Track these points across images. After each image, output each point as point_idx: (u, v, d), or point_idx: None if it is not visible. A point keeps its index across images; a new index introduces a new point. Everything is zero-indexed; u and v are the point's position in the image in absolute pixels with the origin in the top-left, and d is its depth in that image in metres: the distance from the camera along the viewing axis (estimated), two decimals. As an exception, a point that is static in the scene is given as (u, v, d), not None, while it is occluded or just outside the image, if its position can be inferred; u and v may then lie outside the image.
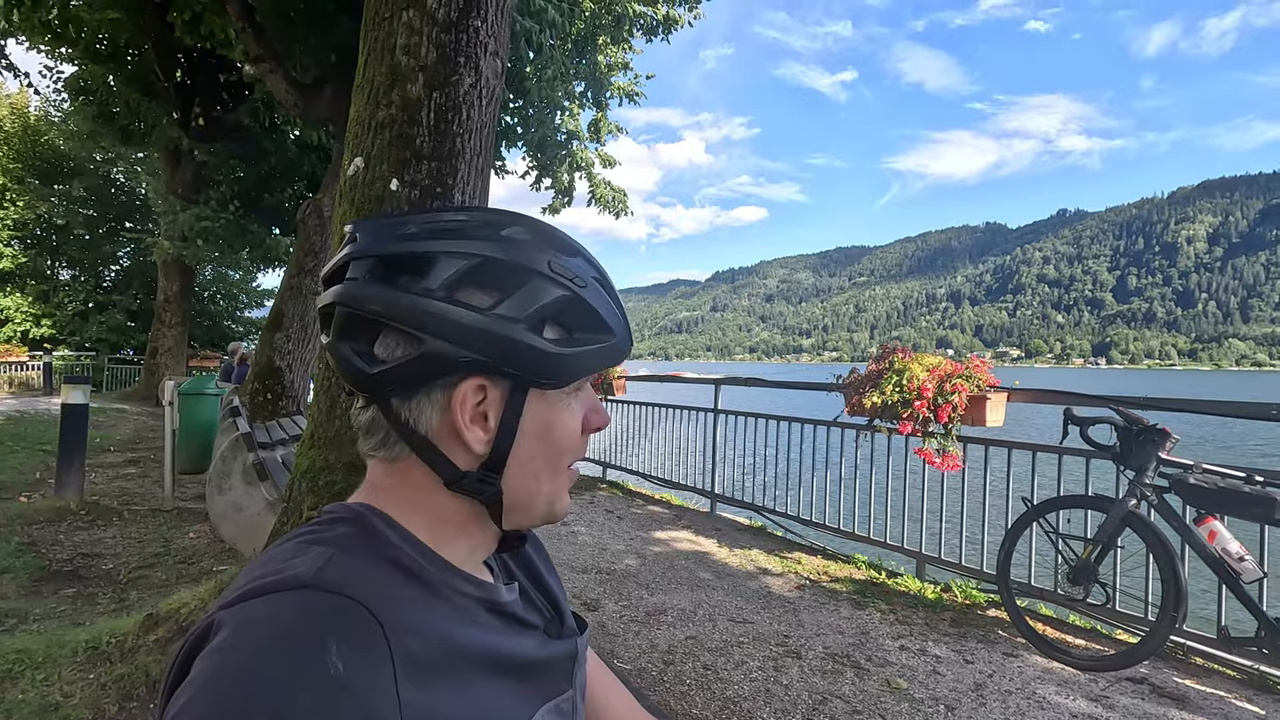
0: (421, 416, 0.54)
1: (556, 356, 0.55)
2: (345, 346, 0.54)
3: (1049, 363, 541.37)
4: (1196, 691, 2.78)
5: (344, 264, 0.55)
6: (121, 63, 11.65)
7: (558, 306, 0.55)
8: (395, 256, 0.54)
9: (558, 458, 0.59)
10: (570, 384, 0.58)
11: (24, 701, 2.34)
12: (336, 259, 0.56)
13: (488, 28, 2.86)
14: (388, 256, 0.54)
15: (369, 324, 0.54)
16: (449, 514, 0.56)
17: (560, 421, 0.58)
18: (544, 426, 0.57)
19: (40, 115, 21.33)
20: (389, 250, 0.54)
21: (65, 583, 3.91)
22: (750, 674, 2.89)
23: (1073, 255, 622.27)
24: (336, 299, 0.54)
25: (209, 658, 0.43)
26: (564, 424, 0.58)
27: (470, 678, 0.51)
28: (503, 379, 0.54)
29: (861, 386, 4.26)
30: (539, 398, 0.56)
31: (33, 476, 6.70)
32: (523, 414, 0.55)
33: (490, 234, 0.55)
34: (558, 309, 0.55)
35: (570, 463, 0.60)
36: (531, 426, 0.56)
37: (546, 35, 8.41)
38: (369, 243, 0.55)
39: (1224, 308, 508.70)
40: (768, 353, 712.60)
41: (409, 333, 0.52)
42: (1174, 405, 3.35)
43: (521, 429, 0.56)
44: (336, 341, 0.55)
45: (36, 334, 20.92)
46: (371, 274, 0.54)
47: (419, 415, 0.54)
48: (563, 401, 0.58)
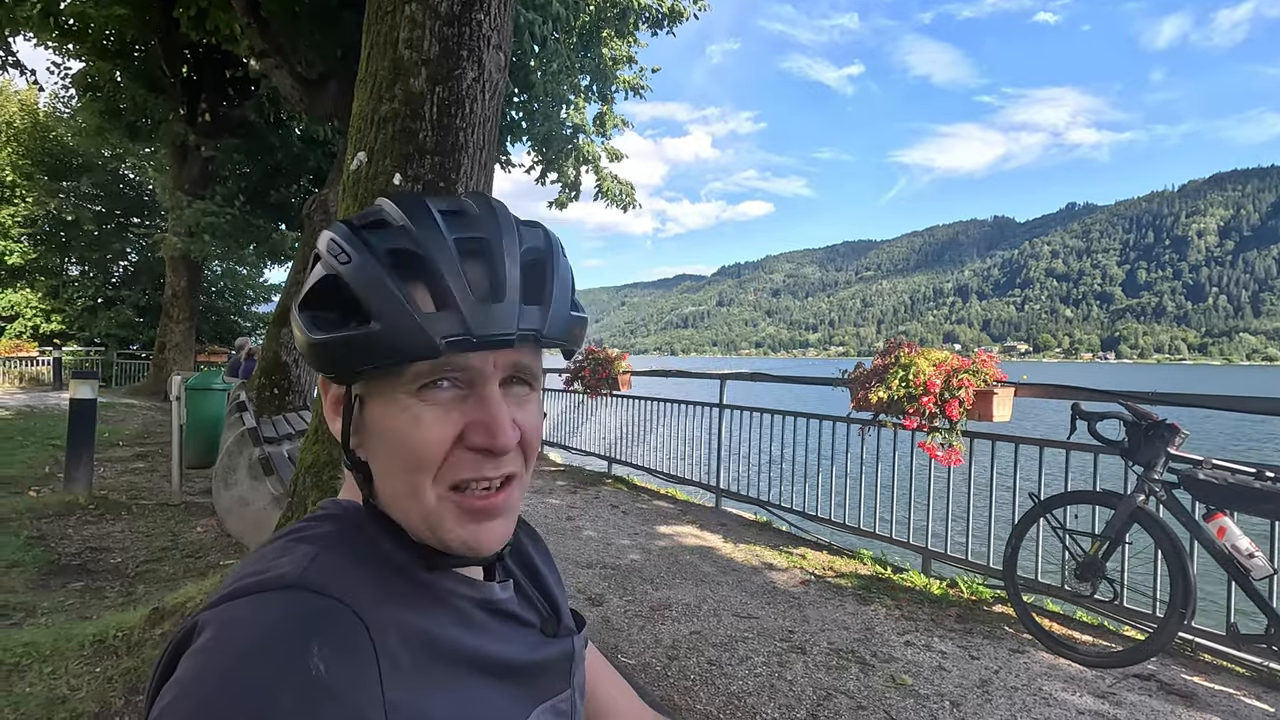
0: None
1: (313, 345, 0.50)
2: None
3: (1057, 357, 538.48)
4: (1205, 689, 2.76)
5: None
6: (128, 59, 11.71)
7: (319, 288, 0.51)
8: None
9: (408, 473, 0.51)
10: (357, 377, 0.52)
11: (31, 694, 2.36)
12: None
13: (490, 21, 2.84)
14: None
15: None
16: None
17: (396, 428, 0.51)
18: (383, 432, 0.52)
19: (49, 111, 21.46)
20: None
21: (73, 576, 3.94)
22: (755, 669, 2.88)
23: (1081, 249, 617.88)
24: None
25: (192, 658, 0.42)
26: (400, 432, 0.50)
27: (460, 678, 0.50)
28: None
29: (867, 382, 4.23)
30: (379, 397, 0.51)
31: (42, 471, 6.75)
32: (364, 413, 0.53)
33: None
34: (319, 291, 0.51)
35: (451, 483, 0.51)
36: (373, 430, 0.52)
37: (551, 28, 8.38)
38: None
39: (1235, 302, 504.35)
40: (774, 348, 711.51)
41: None
42: (1183, 400, 3.32)
43: (367, 430, 0.53)
44: None
45: (46, 329, 21.08)
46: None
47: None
48: (395, 404, 0.51)
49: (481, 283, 0.50)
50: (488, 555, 0.54)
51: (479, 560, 0.55)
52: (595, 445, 7.84)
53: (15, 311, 21.01)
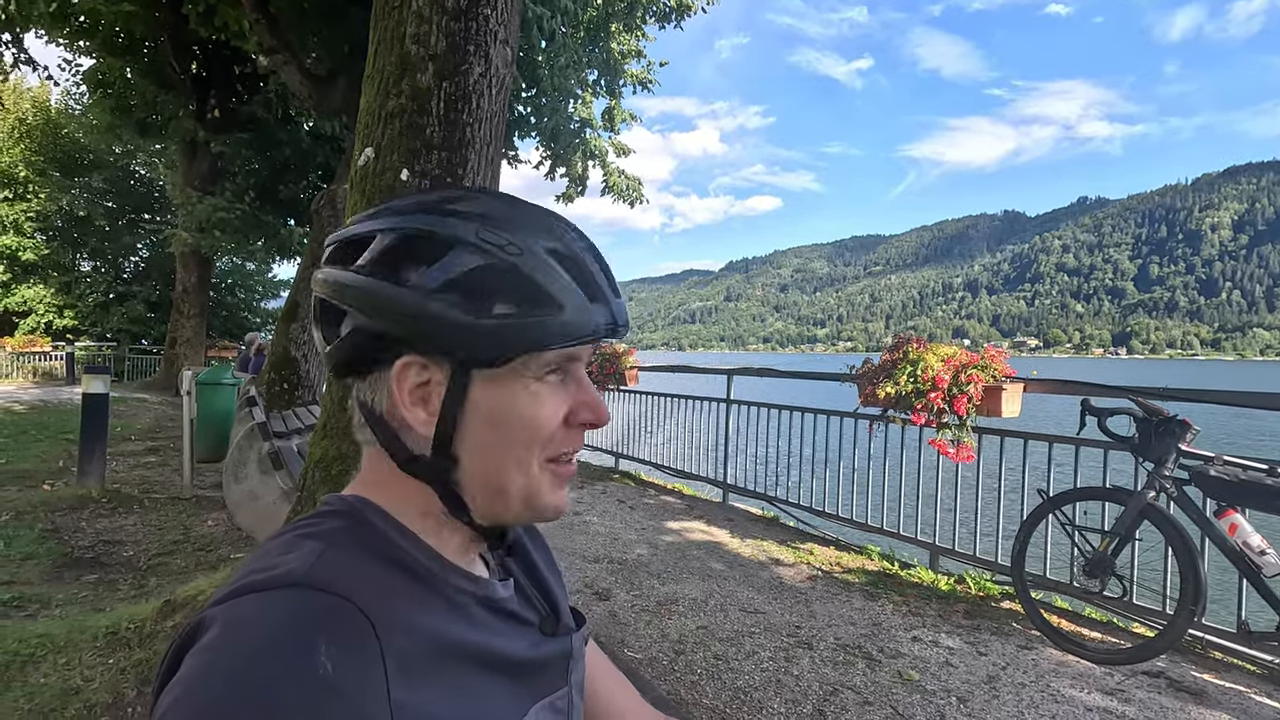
0: (376, 397, 0.55)
1: (475, 328, 0.51)
2: (318, 330, 0.57)
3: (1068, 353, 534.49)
4: (1215, 686, 2.74)
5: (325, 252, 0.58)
6: (138, 55, 11.76)
7: (477, 276, 0.51)
8: (349, 239, 0.55)
9: (522, 448, 0.54)
10: (507, 361, 0.53)
11: (46, 685, 2.39)
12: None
13: (498, 15, 2.83)
14: (346, 239, 0.55)
15: (328, 307, 0.55)
16: (429, 506, 0.55)
17: (517, 408, 0.53)
18: (497, 412, 0.53)
19: (61, 108, 21.60)
20: (348, 234, 0.56)
21: (87, 569, 3.98)
22: (761, 664, 2.88)
23: (1093, 243, 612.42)
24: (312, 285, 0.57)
25: (198, 656, 0.42)
26: (523, 411, 0.53)
27: (463, 676, 0.51)
28: (439, 358, 0.52)
29: (875, 377, 4.22)
30: (490, 381, 0.53)
31: (56, 465, 6.82)
32: (467, 397, 0.53)
33: (427, 208, 0.53)
34: (477, 279, 0.51)
35: (550, 455, 0.55)
36: (482, 412, 0.53)
37: (559, 22, 8.36)
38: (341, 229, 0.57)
39: (1249, 296, 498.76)
40: (782, 343, 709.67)
41: (346, 309, 0.54)
42: (1195, 396, 3.29)
43: (469, 413, 0.53)
44: (314, 326, 0.58)
45: (59, 325, 21.27)
46: (329, 258, 0.56)
47: (374, 396, 0.55)
48: (519, 385, 0.53)
49: (608, 280, 0.57)
50: (557, 518, 0.58)
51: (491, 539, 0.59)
52: (602, 440, 7.84)
53: (28, 307, 21.21)
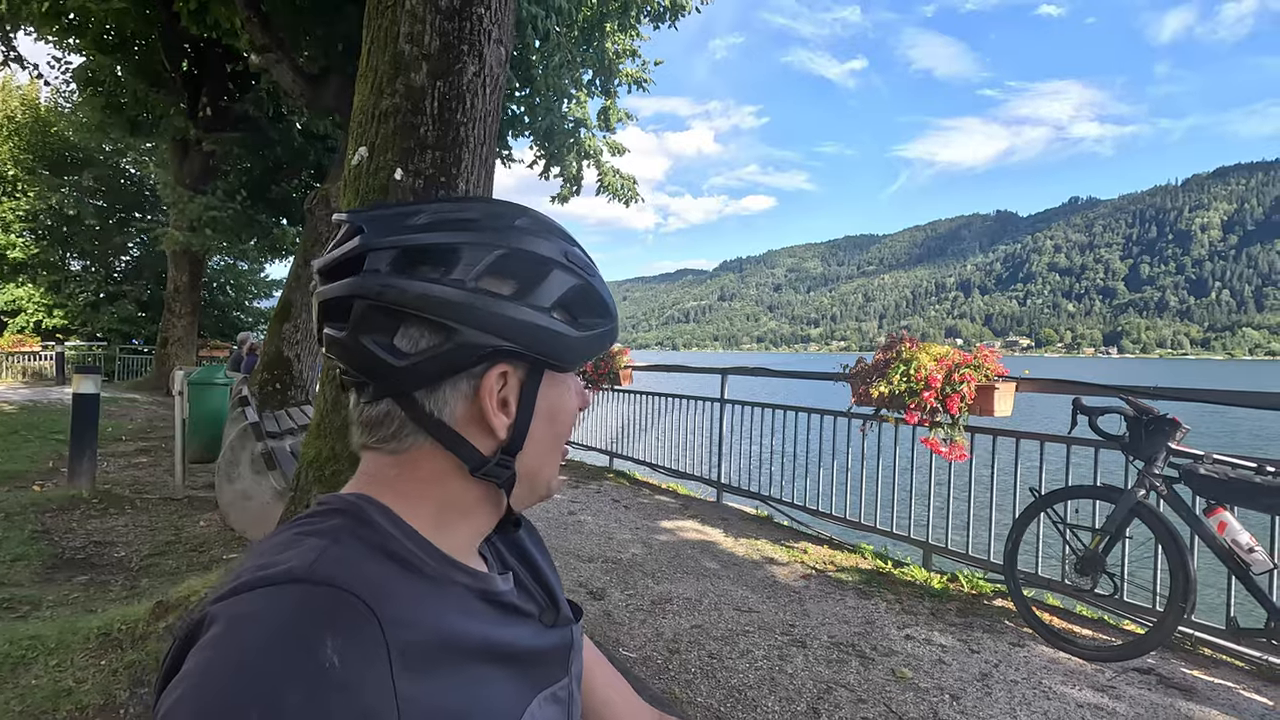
0: (446, 406, 0.55)
1: (573, 340, 0.58)
2: (367, 340, 0.53)
3: (1059, 352, 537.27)
4: (1204, 682, 2.77)
5: (358, 255, 0.54)
6: (129, 53, 11.67)
7: (574, 294, 0.59)
8: (418, 248, 0.53)
9: (560, 437, 0.62)
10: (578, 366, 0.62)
11: (37, 686, 2.37)
12: (344, 250, 0.55)
13: (491, 15, 2.83)
14: (411, 248, 0.53)
15: (391, 316, 0.53)
16: (456, 500, 0.57)
17: (565, 403, 0.61)
18: (553, 408, 0.60)
19: (50, 106, 21.41)
20: (411, 242, 0.53)
21: (78, 570, 3.96)
22: (755, 663, 2.89)
23: (1085, 243, 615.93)
24: (355, 291, 0.53)
25: (201, 653, 0.42)
26: (567, 405, 0.62)
27: (467, 668, 0.51)
28: (522, 364, 0.57)
29: (868, 376, 4.24)
30: (550, 381, 0.59)
31: (46, 465, 6.77)
32: (537, 397, 0.58)
33: (504, 225, 0.56)
34: (573, 296, 0.59)
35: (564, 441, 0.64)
36: (543, 409, 0.59)
37: (553, 21, 8.35)
38: (383, 233, 0.54)
39: (1238, 296, 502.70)
40: (775, 342, 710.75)
41: (439, 323, 0.52)
42: (1184, 395, 3.32)
43: (536, 412, 0.58)
44: (355, 334, 0.54)
45: (49, 324, 21.09)
46: (394, 266, 0.53)
47: (444, 405, 0.55)
48: (565, 383, 0.61)
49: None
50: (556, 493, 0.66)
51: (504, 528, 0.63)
52: (597, 440, 7.85)
53: (18, 306, 21.02)
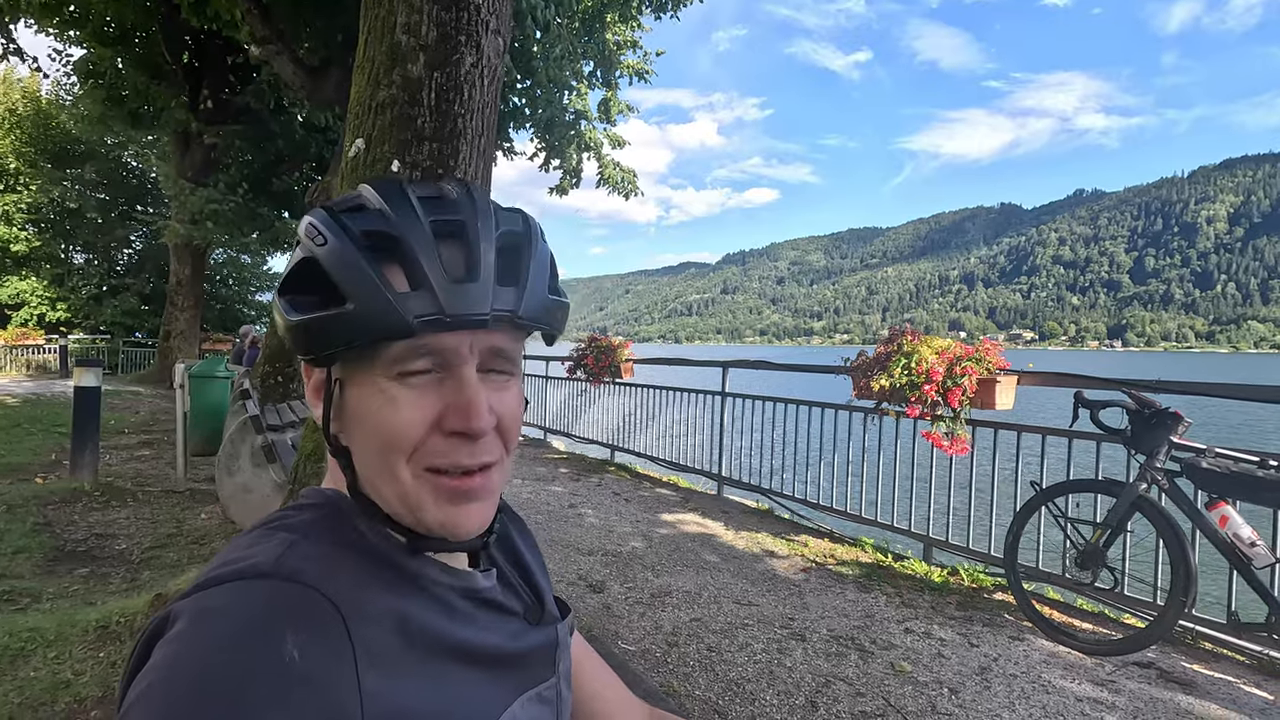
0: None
1: (291, 327, 0.51)
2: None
3: (1063, 345, 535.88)
4: (1205, 676, 2.76)
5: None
6: (129, 45, 11.63)
7: (298, 271, 0.51)
8: None
9: (383, 454, 0.51)
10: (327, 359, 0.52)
11: (36, 678, 2.38)
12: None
13: (489, 5, 2.81)
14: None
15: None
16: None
17: (371, 410, 0.51)
18: (357, 414, 0.52)
19: (51, 99, 21.41)
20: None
21: (79, 562, 3.97)
22: (754, 656, 2.89)
23: (1089, 236, 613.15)
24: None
25: (166, 647, 0.42)
26: (376, 414, 0.51)
27: (440, 666, 0.50)
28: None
29: (869, 369, 4.22)
30: (355, 383, 0.52)
31: (48, 458, 6.79)
32: (341, 395, 0.53)
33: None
34: (298, 274, 0.51)
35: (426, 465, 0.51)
36: (348, 412, 0.53)
37: (553, 12, 8.29)
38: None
39: (1244, 289, 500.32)
40: (778, 335, 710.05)
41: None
42: (1187, 388, 3.30)
43: (345, 411, 0.53)
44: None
45: (52, 317, 21.19)
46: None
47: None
48: (374, 386, 0.51)
49: (456, 264, 0.51)
50: (467, 538, 0.54)
51: (461, 546, 0.55)
52: (598, 433, 7.85)
53: (21, 299, 21.11)
